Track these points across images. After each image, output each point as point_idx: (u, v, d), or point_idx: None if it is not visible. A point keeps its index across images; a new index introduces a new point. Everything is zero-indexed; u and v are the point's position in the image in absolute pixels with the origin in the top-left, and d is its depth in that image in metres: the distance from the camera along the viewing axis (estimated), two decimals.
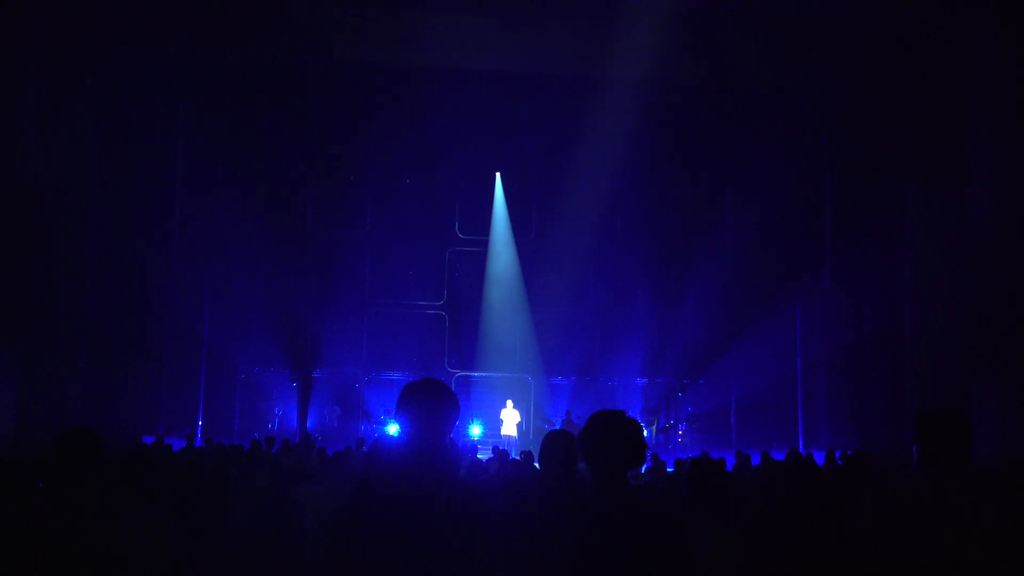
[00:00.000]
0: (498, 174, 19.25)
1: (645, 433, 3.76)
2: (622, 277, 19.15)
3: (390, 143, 17.99)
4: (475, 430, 17.48)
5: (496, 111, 16.98)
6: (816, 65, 15.30)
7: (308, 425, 18.26)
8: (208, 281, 17.69)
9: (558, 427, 16.70)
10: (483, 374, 19.13)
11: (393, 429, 15.77)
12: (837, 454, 11.90)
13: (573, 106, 16.33)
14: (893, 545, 3.14)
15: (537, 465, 4.58)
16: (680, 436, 19.00)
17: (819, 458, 10.98)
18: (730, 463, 10.58)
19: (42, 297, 13.58)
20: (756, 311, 18.16)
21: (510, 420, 17.10)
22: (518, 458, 9.71)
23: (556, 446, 3.75)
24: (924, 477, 3.25)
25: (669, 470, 8.95)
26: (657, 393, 19.37)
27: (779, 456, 11.06)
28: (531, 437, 17.41)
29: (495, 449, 11.15)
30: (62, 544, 3.22)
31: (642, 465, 3.60)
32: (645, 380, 19.30)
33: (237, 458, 9.52)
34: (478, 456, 11.44)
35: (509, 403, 17.28)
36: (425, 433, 2.79)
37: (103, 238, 15.16)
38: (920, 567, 3.08)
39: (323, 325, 18.72)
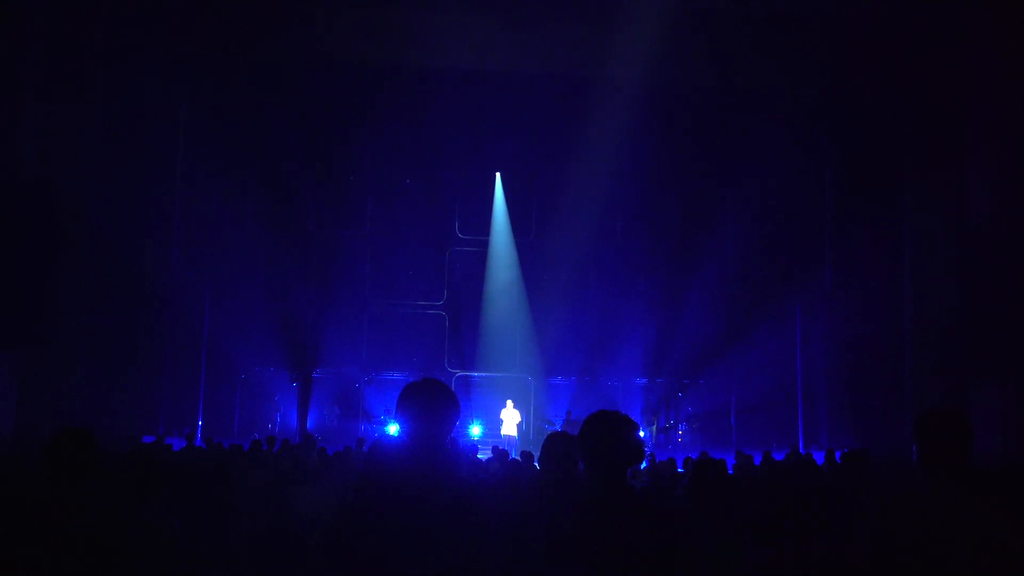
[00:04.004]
0: (498, 174, 19.23)
1: (641, 433, 3.77)
2: (622, 277, 19.14)
3: (390, 143, 17.97)
4: (475, 430, 17.48)
5: (496, 111, 16.96)
6: (816, 65, 15.29)
7: (308, 425, 18.26)
8: (208, 281, 17.68)
9: (558, 427, 16.71)
10: (483, 374, 19.11)
11: (393, 429, 15.76)
12: (837, 454, 11.90)
13: (573, 106, 16.30)
14: (892, 545, 3.14)
15: (537, 465, 4.58)
16: (680, 436, 18.99)
17: (819, 458, 10.98)
18: (730, 463, 10.59)
19: (42, 297, 13.57)
20: (756, 311, 18.15)
21: (510, 420, 17.10)
22: (518, 458, 9.70)
23: (557, 447, 3.76)
24: (924, 477, 3.25)
25: (679, 470, 8.97)
26: (657, 393, 19.35)
27: (779, 456, 11.07)
28: (531, 437, 17.41)
29: (495, 449, 11.14)
30: (61, 543, 3.22)
31: (640, 463, 3.61)
32: (645, 380, 19.29)
33: (237, 458, 9.52)
34: (478, 456, 11.43)
35: (509, 403, 17.27)
36: (425, 433, 2.79)
37: (103, 238, 15.14)
38: (920, 567, 3.07)
39: (323, 325, 18.70)
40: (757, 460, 10.70)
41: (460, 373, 18.97)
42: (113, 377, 15.43)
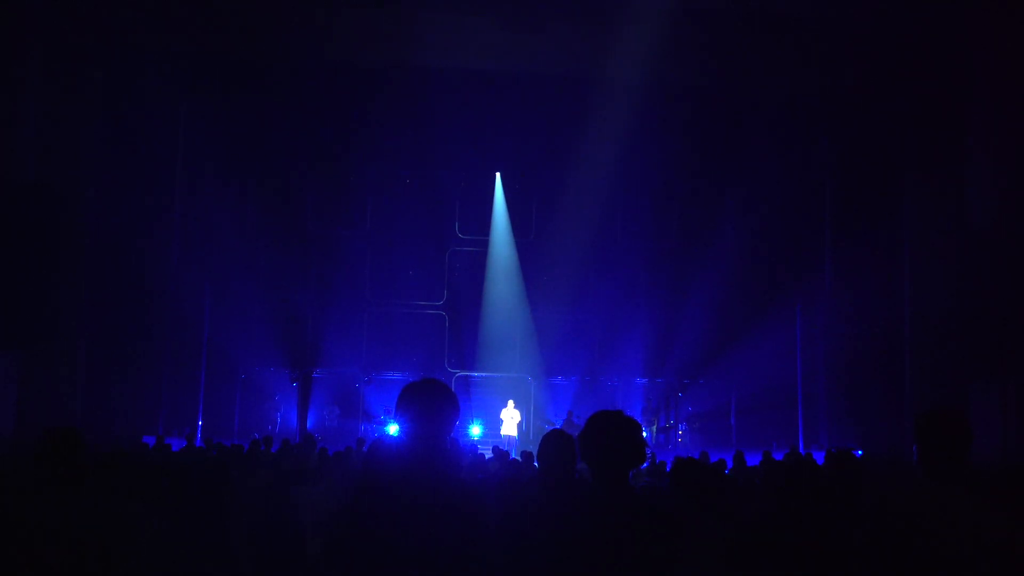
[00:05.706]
0: (498, 174, 19.23)
1: (644, 433, 3.79)
2: (622, 277, 19.13)
3: (390, 143, 17.97)
4: (475, 430, 17.48)
5: (496, 111, 16.96)
6: (816, 65, 15.28)
7: (308, 425, 18.26)
8: (208, 281, 17.68)
9: (559, 427, 16.68)
10: (483, 374, 19.12)
11: (393, 429, 15.77)
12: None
13: (573, 106, 16.31)
14: (892, 545, 3.14)
15: (536, 465, 4.57)
16: (680, 436, 18.99)
17: (819, 458, 10.98)
18: (731, 463, 10.60)
19: (42, 297, 13.57)
20: (756, 311, 18.14)
21: (510, 420, 17.10)
22: (518, 458, 9.71)
23: (554, 446, 3.76)
24: (924, 477, 3.25)
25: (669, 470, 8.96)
26: (657, 393, 19.35)
27: (779, 456, 11.09)
28: (531, 437, 17.40)
29: (495, 449, 11.15)
30: (55, 545, 3.22)
31: (642, 464, 3.61)
32: (645, 380, 19.29)
33: (237, 458, 9.52)
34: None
35: (510, 403, 17.27)
36: (425, 433, 2.79)
37: (103, 238, 15.14)
38: (919, 568, 3.07)
39: (323, 325, 18.70)
40: (756, 460, 10.72)
41: (460, 373, 18.96)
42: (113, 377, 15.42)
